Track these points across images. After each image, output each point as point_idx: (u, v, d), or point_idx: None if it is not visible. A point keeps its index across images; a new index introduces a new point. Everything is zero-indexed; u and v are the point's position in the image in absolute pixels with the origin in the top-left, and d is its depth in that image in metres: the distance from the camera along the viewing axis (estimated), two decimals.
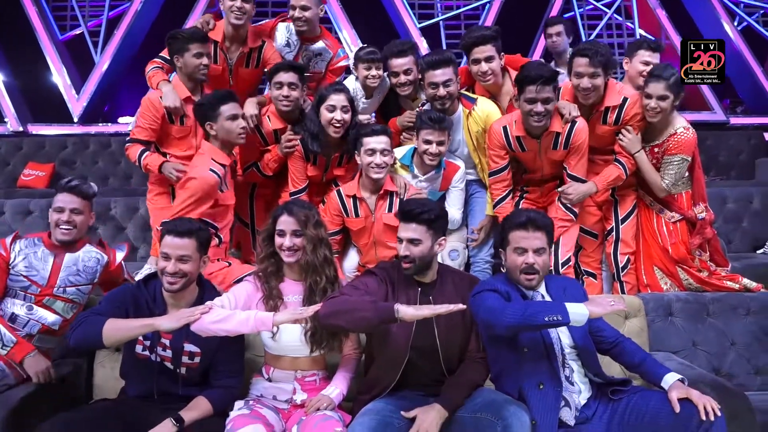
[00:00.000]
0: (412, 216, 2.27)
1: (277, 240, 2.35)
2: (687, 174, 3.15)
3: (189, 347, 2.28)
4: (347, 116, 3.03)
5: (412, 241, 2.26)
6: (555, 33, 4.28)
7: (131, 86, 6.79)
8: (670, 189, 3.10)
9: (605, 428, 2.18)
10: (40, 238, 2.65)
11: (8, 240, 2.61)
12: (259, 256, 2.44)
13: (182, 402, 2.22)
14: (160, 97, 3.13)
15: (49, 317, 2.59)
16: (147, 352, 2.29)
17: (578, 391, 2.22)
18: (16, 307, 2.57)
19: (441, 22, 6.69)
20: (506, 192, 3.16)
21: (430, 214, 2.28)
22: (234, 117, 2.92)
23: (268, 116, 3.22)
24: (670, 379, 2.19)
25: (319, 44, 3.59)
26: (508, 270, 2.34)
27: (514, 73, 3.24)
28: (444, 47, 6.56)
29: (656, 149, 3.10)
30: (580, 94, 3.01)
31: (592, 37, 6.74)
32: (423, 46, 6.37)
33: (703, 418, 2.01)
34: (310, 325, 2.26)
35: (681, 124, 3.07)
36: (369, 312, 2.06)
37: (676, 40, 6.38)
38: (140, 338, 2.26)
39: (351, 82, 3.38)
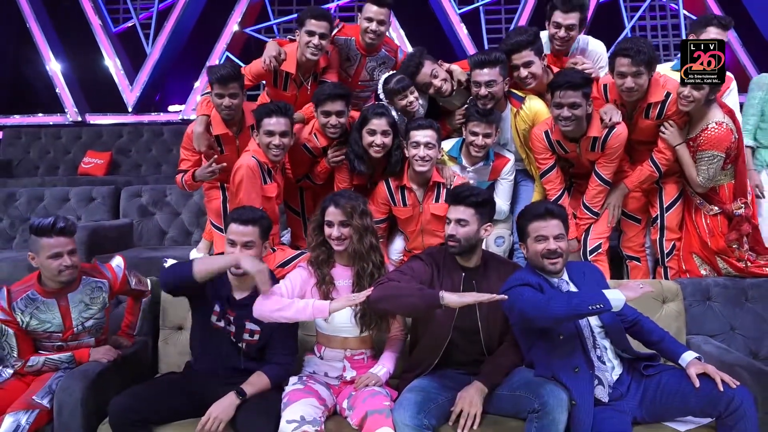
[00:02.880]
0: (460, 198, 2.42)
1: (326, 230, 2.48)
2: (730, 166, 3.08)
3: (250, 326, 2.46)
4: (387, 140, 3.05)
5: (459, 222, 2.39)
6: None
7: (180, 76, 7.05)
8: (706, 185, 3.05)
9: (638, 405, 2.28)
10: (32, 290, 2.55)
11: (2, 300, 2.51)
12: (310, 244, 2.58)
13: (242, 376, 2.39)
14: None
15: (83, 343, 2.65)
16: (221, 323, 2.47)
17: (611, 368, 2.32)
18: (47, 350, 2.61)
19: (481, 8, 6.71)
20: (561, 192, 3.19)
21: (477, 198, 2.42)
22: (270, 133, 2.97)
23: (315, 134, 3.24)
24: (687, 357, 2.29)
25: (380, 53, 3.57)
26: (530, 260, 2.42)
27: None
28: (484, 33, 6.59)
29: (691, 143, 3.05)
30: (623, 94, 2.99)
31: (635, 18, 6.66)
32: (463, 32, 6.42)
33: (721, 389, 2.12)
34: (360, 308, 2.40)
35: (715, 118, 2.98)
36: (415, 298, 2.18)
37: None
38: (216, 309, 2.46)
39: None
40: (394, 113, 3.22)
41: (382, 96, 3.32)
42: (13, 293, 2.54)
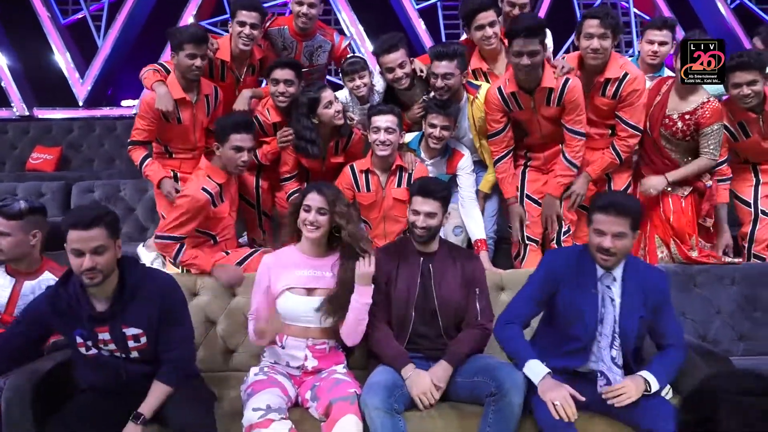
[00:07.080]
0: (430, 192, 2.50)
1: (302, 215, 2.48)
2: None
3: (130, 331, 2.18)
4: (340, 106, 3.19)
5: (429, 215, 2.47)
6: None
7: (133, 70, 6.85)
8: (717, 157, 3.17)
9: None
10: (1, 262, 2.60)
11: None
12: (282, 237, 2.64)
13: (148, 382, 2.19)
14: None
15: None
16: (94, 351, 2.19)
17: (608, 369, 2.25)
18: None
19: (439, 3, 6.77)
20: (505, 152, 3.27)
21: (443, 192, 2.54)
22: (239, 149, 2.93)
23: (267, 109, 3.31)
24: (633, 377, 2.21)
25: (316, 38, 3.65)
26: (590, 246, 2.29)
27: None
28: (442, 28, 6.64)
29: (687, 116, 3.13)
30: (588, 56, 3.06)
31: None
32: (421, 28, 6.46)
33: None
34: (325, 299, 2.43)
35: (706, 94, 3.12)
36: (387, 358, 2.41)
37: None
38: (79, 341, 2.18)
39: (342, 93, 3.46)
40: (346, 92, 3.37)
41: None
42: None
